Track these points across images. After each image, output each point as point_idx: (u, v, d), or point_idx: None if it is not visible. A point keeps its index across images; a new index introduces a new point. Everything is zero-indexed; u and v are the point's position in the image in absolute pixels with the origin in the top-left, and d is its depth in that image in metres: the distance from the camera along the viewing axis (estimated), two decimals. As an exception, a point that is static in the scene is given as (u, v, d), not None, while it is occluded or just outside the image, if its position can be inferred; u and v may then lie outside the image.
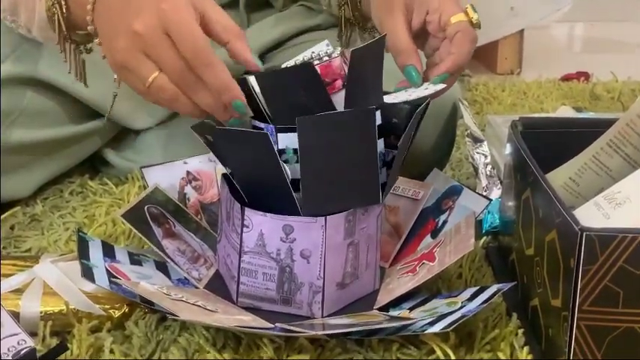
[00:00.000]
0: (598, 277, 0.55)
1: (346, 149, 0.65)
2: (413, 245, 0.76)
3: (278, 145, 0.66)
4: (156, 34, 0.63)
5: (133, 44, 0.64)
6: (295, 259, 0.66)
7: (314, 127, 0.63)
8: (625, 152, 0.73)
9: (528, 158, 0.69)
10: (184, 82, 0.64)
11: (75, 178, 1.04)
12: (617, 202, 0.63)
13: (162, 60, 0.64)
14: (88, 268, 0.67)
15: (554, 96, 1.44)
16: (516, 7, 1.67)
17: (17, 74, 0.92)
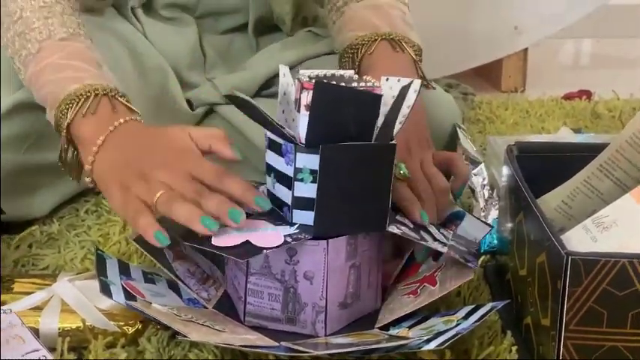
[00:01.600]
0: (583, 298, 0.59)
1: (363, 178, 0.68)
2: (415, 267, 0.79)
3: (296, 164, 0.68)
4: (184, 176, 0.70)
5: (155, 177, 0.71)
6: (299, 280, 0.69)
7: (338, 155, 0.67)
8: (615, 176, 0.77)
9: (521, 183, 0.72)
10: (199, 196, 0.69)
11: (90, 197, 1.06)
12: (605, 226, 0.66)
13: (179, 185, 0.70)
14: (106, 284, 0.70)
15: (556, 115, 1.46)
16: (520, 26, 1.70)
17: (33, 100, 0.92)
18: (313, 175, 0.67)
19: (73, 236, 0.96)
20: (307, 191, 0.68)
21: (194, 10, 1.09)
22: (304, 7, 1.10)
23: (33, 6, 0.87)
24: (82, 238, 0.96)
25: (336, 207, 0.68)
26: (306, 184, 0.68)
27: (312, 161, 0.67)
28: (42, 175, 0.98)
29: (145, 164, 0.73)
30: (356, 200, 0.68)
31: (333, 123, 0.67)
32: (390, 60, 0.88)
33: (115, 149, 0.76)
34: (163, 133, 0.77)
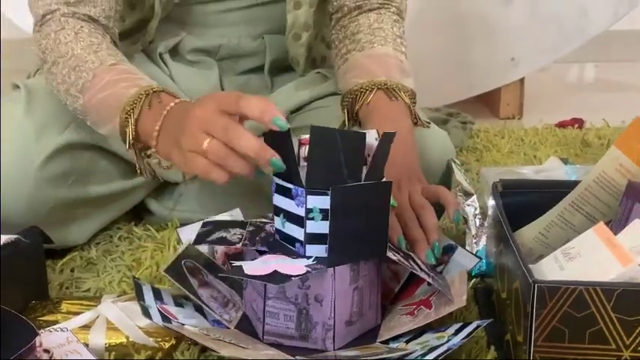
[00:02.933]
0: (548, 319, 0.68)
1: (366, 213, 0.77)
2: (412, 289, 0.88)
3: (307, 205, 0.76)
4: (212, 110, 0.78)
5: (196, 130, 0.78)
6: (310, 302, 0.78)
7: (346, 195, 0.75)
8: (585, 211, 0.86)
9: (502, 217, 0.82)
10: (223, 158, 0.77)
11: (122, 225, 1.15)
12: (571, 257, 0.76)
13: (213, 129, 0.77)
14: (145, 308, 0.80)
15: (549, 143, 1.53)
16: (517, 57, 1.77)
17: (77, 141, 1.04)
18: (322, 213, 0.76)
19: (109, 261, 1.05)
20: (318, 228, 0.77)
21: (216, 54, 1.18)
22: (314, 49, 1.20)
23: (82, 45, 0.99)
24: (117, 263, 1.05)
25: (345, 239, 0.76)
26: (316, 222, 0.77)
27: (321, 202, 0.76)
28: (81, 207, 1.07)
29: (185, 121, 0.81)
30: (361, 232, 0.77)
31: (328, 161, 0.76)
32: (386, 107, 0.98)
33: (168, 129, 0.86)
34: (193, 104, 0.85)
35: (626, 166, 0.84)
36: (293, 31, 1.14)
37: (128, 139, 0.91)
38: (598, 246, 0.74)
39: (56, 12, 1.01)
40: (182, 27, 1.17)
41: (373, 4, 1.11)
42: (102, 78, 0.95)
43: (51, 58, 0.99)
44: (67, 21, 1.00)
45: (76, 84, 0.97)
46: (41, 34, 1.01)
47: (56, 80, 0.99)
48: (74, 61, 0.97)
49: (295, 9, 1.12)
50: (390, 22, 1.10)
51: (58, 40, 0.99)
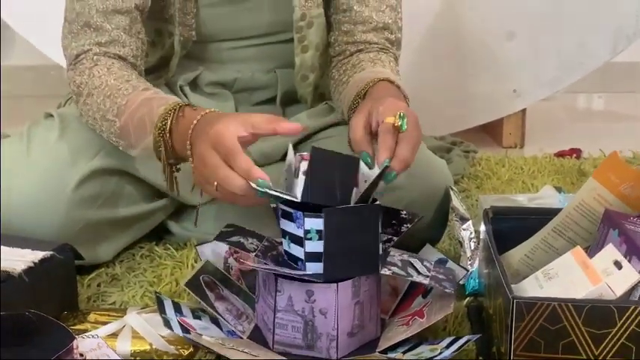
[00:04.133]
0: (526, 331, 0.77)
1: (358, 232, 0.84)
2: (408, 303, 0.96)
3: (304, 227, 0.84)
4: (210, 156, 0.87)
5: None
6: (316, 315, 0.84)
7: (337, 216, 0.83)
8: (567, 236, 0.95)
9: (490, 241, 0.91)
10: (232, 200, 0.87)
11: (144, 244, 1.20)
12: (550, 277, 0.84)
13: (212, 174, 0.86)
14: (167, 320, 0.88)
15: (547, 171, 1.58)
16: (518, 89, 1.81)
17: (106, 166, 1.11)
18: (319, 234, 0.84)
19: (132, 277, 1.11)
20: (315, 247, 0.84)
21: (231, 87, 1.25)
22: (321, 86, 1.27)
23: (114, 77, 1.06)
24: (139, 279, 1.11)
25: (338, 257, 0.84)
26: (314, 241, 0.84)
27: (317, 224, 0.83)
28: (108, 227, 1.14)
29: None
30: (353, 250, 0.84)
31: (325, 180, 0.84)
32: (392, 90, 1.04)
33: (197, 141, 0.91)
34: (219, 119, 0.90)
35: (604, 196, 0.92)
36: (301, 73, 1.21)
37: (162, 152, 0.97)
38: (573, 267, 0.83)
39: (89, 52, 1.08)
40: (200, 62, 1.24)
41: (373, 48, 1.18)
42: (135, 101, 1.01)
43: (86, 91, 1.06)
44: (99, 59, 1.07)
45: (111, 109, 1.02)
46: (75, 72, 1.08)
47: (92, 110, 1.05)
48: (108, 90, 1.04)
49: (302, 52, 1.19)
50: (387, 59, 1.17)
51: (92, 75, 1.06)
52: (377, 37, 1.18)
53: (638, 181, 0.93)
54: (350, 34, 1.19)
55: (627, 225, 0.87)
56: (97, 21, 1.08)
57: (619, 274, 0.81)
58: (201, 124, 0.93)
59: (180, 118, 0.95)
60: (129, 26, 1.10)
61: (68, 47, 1.11)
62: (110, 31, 1.09)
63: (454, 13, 1.80)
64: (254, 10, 1.19)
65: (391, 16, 1.19)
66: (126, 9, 1.09)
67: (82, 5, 1.08)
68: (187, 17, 1.17)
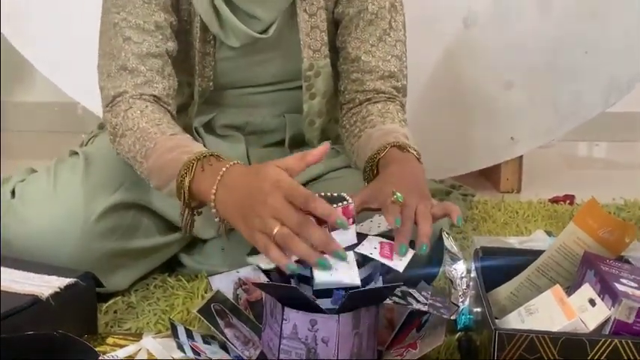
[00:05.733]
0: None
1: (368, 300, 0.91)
2: (403, 336, 1.00)
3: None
4: (283, 202, 0.87)
5: (266, 216, 0.87)
6: (318, 343, 0.87)
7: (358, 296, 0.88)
8: (550, 275, 1.01)
9: (478, 278, 0.99)
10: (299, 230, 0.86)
11: (158, 275, 1.25)
12: (531, 312, 0.91)
13: (285, 218, 0.86)
14: (180, 344, 0.93)
15: (541, 216, 1.61)
16: (516, 137, 1.83)
17: (124, 201, 1.18)
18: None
19: (146, 305, 1.16)
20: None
21: (243, 129, 1.31)
22: (328, 130, 1.33)
23: (146, 120, 1.09)
24: (153, 307, 1.16)
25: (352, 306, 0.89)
26: None
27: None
28: (124, 258, 1.19)
29: (254, 199, 0.88)
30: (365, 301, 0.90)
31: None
32: (400, 156, 1.07)
33: (226, 194, 0.93)
34: (258, 173, 0.91)
35: (583, 239, 0.98)
36: (308, 118, 1.26)
37: (183, 199, 1.00)
38: (552, 303, 0.89)
39: (125, 94, 1.12)
40: (215, 107, 1.30)
41: (381, 97, 1.23)
42: (162, 145, 1.05)
43: (120, 131, 1.10)
44: (134, 102, 1.12)
45: (140, 151, 1.06)
46: (112, 114, 1.13)
47: (124, 149, 1.10)
48: (139, 132, 1.08)
49: (310, 99, 1.25)
50: (395, 109, 1.22)
51: (127, 117, 1.10)
52: (384, 85, 1.23)
53: (615, 227, 0.99)
54: (359, 83, 1.23)
55: (602, 267, 0.93)
56: (133, 64, 1.14)
57: (592, 311, 0.87)
58: (234, 172, 0.95)
59: (206, 166, 0.98)
60: (161, 68, 1.16)
61: (105, 88, 1.15)
62: (145, 72, 1.14)
63: (454, 64, 1.81)
64: (266, 62, 1.26)
65: (397, 65, 1.24)
66: (158, 53, 1.15)
67: (119, 50, 1.14)
68: (206, 70, 1.24)
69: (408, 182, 0.99)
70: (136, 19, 1.15)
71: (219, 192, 0.95)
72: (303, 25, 1.22)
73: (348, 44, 1.24)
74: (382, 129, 1.17)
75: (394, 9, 1.24)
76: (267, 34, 1.22)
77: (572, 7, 1.79)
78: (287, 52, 1.25)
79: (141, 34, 1.15)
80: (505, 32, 1.79)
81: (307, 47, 1.23)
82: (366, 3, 1.23)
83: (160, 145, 1.06)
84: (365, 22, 1.23)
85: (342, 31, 1.26)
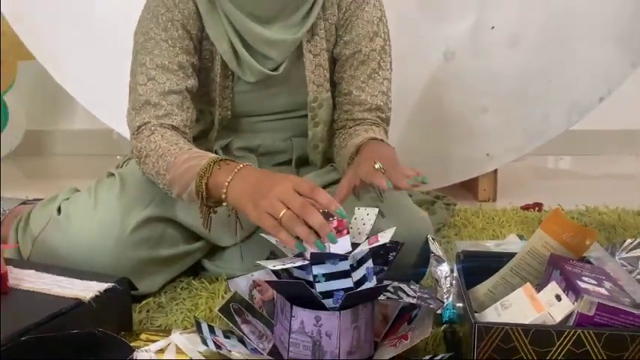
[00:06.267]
0: (485, 349, 0.83)
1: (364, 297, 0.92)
2: (396, 329, 1.01)
3: (312, 272, 0.90)
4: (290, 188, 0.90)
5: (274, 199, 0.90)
6: (322, 336, 0.89)
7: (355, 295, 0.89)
8: (522, 275, 1.01)
9: (460, 279, 0.99)
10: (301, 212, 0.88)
11: (184, 279, 1.25)
12: (506, 307, 0.91)
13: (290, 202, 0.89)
14: (204, 339, 0.93)
15: (514, 222, 1.60)
16: (491, 153, 1.84)
17: (155, 215, 1.19)
18: (325, 276, 0.89)
19: (174, 305, 1.16)
20: (324, 287, 0.89)
21: (256, 151, 1.32)
22: (328, 152, 1.33)
23: (166, 141, 1.10)
24: (180, 307, 1.16)
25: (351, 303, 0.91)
26: (322, 283, 0.90)
27: (321, 269, 0.89)
28: (154, 265, 1.20)
29: (265, 187, 0.91)
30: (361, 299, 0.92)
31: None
32: (375, 143, 1.11)
33: (239, 183, 0.96)
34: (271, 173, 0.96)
35: (549, 243, 0.98)
36: (312, 143, 1.28)
37: (201, 197, 1.01)
38: (523, 299, 0.89)
39: (148, 124, 1.14)
40: (232, 132, 1.31)
41: (367, 122, 1.24)
42: (181, 158, 1.06)
43: (144, 153, 1.11)
44: (156, 129, 1.13)
45: (162, 166, 1.07)
46: (137, 140, 1.14)
47: (149, 167, 1.11)
48: (161, 150, 1.09)
49: (314, 127, 1.26)
50: (378, 130, 1.23)
51: (150, 141, 1.11)
52: (371, 115, 1.25)
53: (577, 232, 0.99)
54: (349, 113, 1.25)
55: (566, 267, 0.93)
56: (156, 99, 1.15)
57: (559, 305, 0.87)
58: (249, 169, 0.98)
59: (223, 165, 1.00)
60: (181, 103, 1.16)
61: (132, 121, 1.16)
62: (165, 106, 1.15)
63: (437, 91, 1.82)
64: (276, 95, 1.27)
65: (382, 99, 1.25)
66: (179, 90, 1.16)
67: (144, 89, 1.15)
68: (225, 101, 1.25)
69: (381, 155, 1.01)
70: (162, 60, 1.16)
71: (233, 182, 0.97)
72: (308, 64, 1.24)
73: (343, 80, 1.26)
74: (363, 136, 1.19)
75: (384, 51, 1.25)
76: (278, 71, 1.23)
77: (537, 43, 1.79)
78: (294, 87, 1.26)
79: (164, 73, 1.16)
80: (480, 64, 1.80)
81: (312, 82, 1.24)
82: (360, 46, 1.24)
83: (179, 158, 1.07)
84: (358, 62, 1.25)
85: (339, 69, 1.27)
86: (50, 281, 1.03)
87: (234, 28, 1.19)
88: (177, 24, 1.17)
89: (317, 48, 1.24)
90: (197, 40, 1.20)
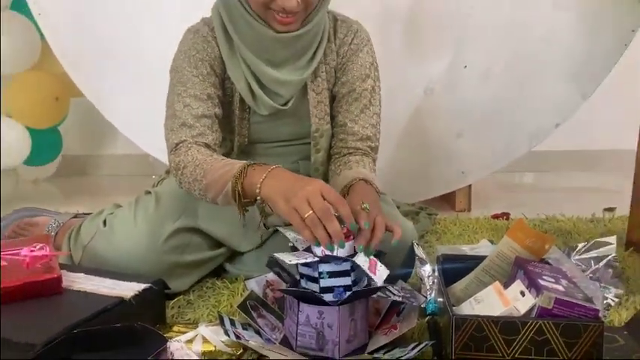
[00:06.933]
0: (461, 338, 0.83)
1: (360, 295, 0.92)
2: (387, 320, 1.01)
3: (319, 270, 0.90)
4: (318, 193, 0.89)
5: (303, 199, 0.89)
6: (324, 327, 0.90)
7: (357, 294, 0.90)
8: (492, 274, 1.01)
9: (440, 277, 0.99)
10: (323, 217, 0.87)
11: (209, 279, 1.25)
12: (478, 301, 0.91)
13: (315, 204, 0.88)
14: (226, 330, 0.93)
15: (485, 229, 1.59)
16: (465, 171, 1.81)
17: (184, 226, 1.18)
18: (328, 274, 0.90)
19: (201, 302, 1.15)
20: (326, 283, 0.90)
21: None
22: (327, 174, 1.29)
23: (201, 154, 1.08)
24: (206, 303, 1.15)
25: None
26: (325, 279, 0.90)
27: (326, 267, 0.89)
28: (184, 268, 1.19)
29: (297, 187, 0.90)
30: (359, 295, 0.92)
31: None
32: (363, 186, 1.08)
33: (272, 180, 0.94)
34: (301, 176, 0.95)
35: (515, 247, 0.98)
36: (314, 166, 1.27)
37: (237, 196, 0.97)
38: (493, 295, 0.90)
39: (185, 142, 1.11)
40: (248, 156, 1.28)
41: (359, 152, 1.23)
42: (216, 165, 1.04)
43: (182, 165, 1.08)
44: (192, 145, 1.10)
45: (199, 173, 1.05)
46: (175, 155, 1.11)
47: (186, 177, 1.07)
48: (197, 161, 1.06)
49: (316, 153, 1.25)
50: (367, 161, 1.22)
51: (187, 155, 1.09)
52: (362, 144, 1.23)
53: (538, 238, 1.00)
54: (344, 142, 1.24)
55: (529, 267, 0.93)
56: (191, 122, 1.13)
57: (523, 300, 0.87)
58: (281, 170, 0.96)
59: (257, 167, 0.98)
60: (211, 125, 1.15)
61: (169, 139, 1.14)
62: (199, 127, 1.13)
63: (419, 120, 1.80)
64: (285, 125, 1.27)
65: (372, 131, 1.24)
66: (209, 115, 1.15)
67: (180, 112, 1.14)
68: (242, 130, 1.25)
69: (369, 200, 1.00)
70: (194, 91, 1.16)
71: (266, 179, 0.95)
72: (312, 100, 1.24)
73: (339, 114, 1.26)
74: (355, 170, 1.18)
75: (374, 91, 1.26)
76: (286, 106, 1.23)
77: (503, 78, 1.79)
78: (300, 119, 1.26)
79: (197, 101, 1.16)
80: (455, 97, 1.79)
81: (314, 116, 1.25)
82: (354, 85, 1.24)
83: (215, 165, 1.05)
84: (352, 99, 1.25)
85: (336, 104, 1.27)
86: (97, 282, 1.03)
87: (250, 70, 1.20)
88: (206, 63, 1.18)
89: (319, 87, 1.25)
90: (221, 78, 1.21)
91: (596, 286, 0.94)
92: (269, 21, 1.14)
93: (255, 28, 1.15)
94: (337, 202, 0.91)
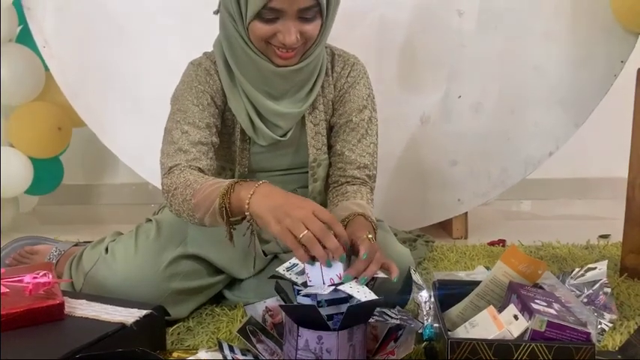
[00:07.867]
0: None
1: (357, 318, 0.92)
2: (384, 346, 1.01)
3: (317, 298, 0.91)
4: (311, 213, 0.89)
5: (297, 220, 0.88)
6: (323, 352, 0.89)
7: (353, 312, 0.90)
8: (487, 299, 1.02)
9: (436, 303, 1.00)
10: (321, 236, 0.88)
11: (208, 306, 1.25)
12: (473, 325, 0.92)
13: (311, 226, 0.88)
14: (225, 356, 0.93)
15: (482, 255, 1.60)
16: (462, 199, 1.83)
17: (184, 253, 1.19)
18: (327, 302, 0.91)
19: (200, 328, 1.15)
20: (325, 312, 0.91)
21: None
22: (324, 202, 1.31)
23: (193, 175, 1.07)
24: (205, 330, 1.15)
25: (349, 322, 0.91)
26: (324, 308, 0.92)
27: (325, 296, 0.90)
28: (184, 295, 1.19)
29: (288, 207, 0.89)
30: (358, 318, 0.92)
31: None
32: (362, 221, 1.08)
33: (261, 197, 0.93)
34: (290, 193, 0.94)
35: (508, 273, 1.00)
36: (312, 195, 1.28)
37: (225, 213, 0.96)
38: (487, 319, 0.91)
39: (179, 165, 1.11)
40: None
41: (357, 181, 1.23)
42: (205, 184, 1.03)
43: (173, 187, 1.08)
44: (185, 169, 1.10)
45: (189, 193, 1.04)
46: (168, 178, 1.11)
47: (177, 198, 1.06)
48: (189, 182, 1.06)
49: (314, 182, 1.27)
50: (365, 191, 1.22)
51: (179, 177, 1.08)
52: (359, 173, 1.24)
53: (531, 263, 1.01)
54: (342, 170, 1.26)
55: (522, 292, 0.94)
56: (187, 147, 1.13)
57: (516, 323, 0.88)
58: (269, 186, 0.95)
59: (244, 184, 0.98)
60: (206, 152, 1.15)
61: (164, 163, 1.14)
62: (194, 153, 1.13)
63: (415, 149, 1.83)
64: (284, 155, 1.29)
65: (369, 160, 1.26)
66: (205, 142, 1.17)
67: (178, 138, 1.15)
68: (243, 159, 1.27)
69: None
70: (193, 119, 1.17)
71: (254, 196, 0.94)
72: (309, 131, 1.26)
73: (337, 143, 1.28)
74: (353, 202, 1.19)
75: (370, 121, 1.28)
76: (285, 137, 1.25)
77: (497, 108, 1.81)
78: (298, 149, 1.28)
79: (195, 129, 1.17)
80: (450, 126, 1.81)
81: (312, 146, 1.27)
82: (351, 116, 1.27)
83: (204, 185, 1.05)
84: (349, 129, 1.27)
85: (334, 134, 1.29)
86: (99, 309, 1.04)
87: (251, 103, 1.22)
88: (207, 95, 1.20)
89: (317, 119, 1.27)
90: (221, 110, 1.23)
91: (590, 311, 0.95)
92: (269, 55, 1.17)
93: (256, 62, 1.18)
94: (331, 221, 0.92)
